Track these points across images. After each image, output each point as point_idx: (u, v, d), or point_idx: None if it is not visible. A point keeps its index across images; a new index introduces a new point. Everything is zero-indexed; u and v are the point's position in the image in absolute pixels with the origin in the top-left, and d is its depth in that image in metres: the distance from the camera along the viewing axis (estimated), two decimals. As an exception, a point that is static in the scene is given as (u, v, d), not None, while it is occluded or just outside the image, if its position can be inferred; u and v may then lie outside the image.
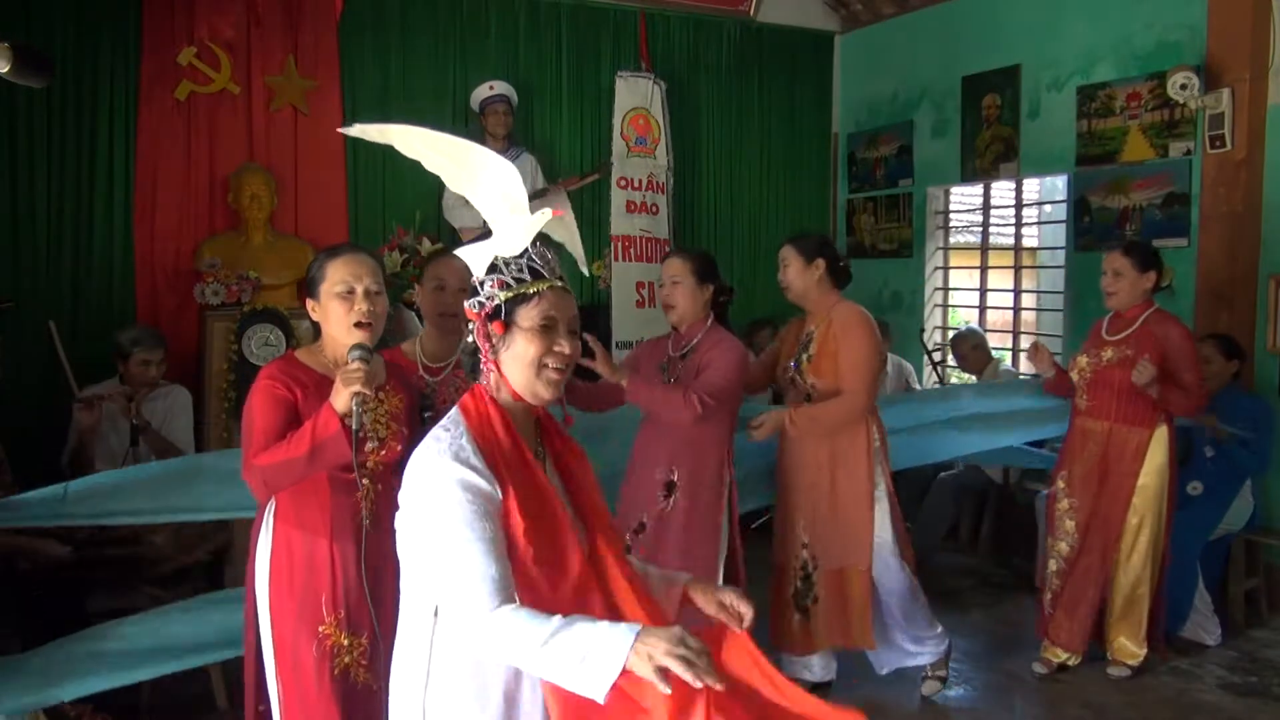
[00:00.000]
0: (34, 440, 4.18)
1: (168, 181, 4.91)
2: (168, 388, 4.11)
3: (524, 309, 1.61)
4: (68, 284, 4.72)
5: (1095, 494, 3.68)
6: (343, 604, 2.20)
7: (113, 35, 4.78)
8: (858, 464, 3.37)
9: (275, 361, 2.30)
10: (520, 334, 1.61)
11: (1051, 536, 3.83)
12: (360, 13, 5.32)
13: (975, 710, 3.57)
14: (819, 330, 3.39)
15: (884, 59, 6.57)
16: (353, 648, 2.21)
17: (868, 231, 6.73)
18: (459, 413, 1.62)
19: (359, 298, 2.22)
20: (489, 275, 1.65)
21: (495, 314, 1.62)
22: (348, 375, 2.06)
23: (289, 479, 2.13)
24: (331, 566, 2.19)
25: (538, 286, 1.62)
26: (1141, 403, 3.60)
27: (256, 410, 2.18)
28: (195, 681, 3.40)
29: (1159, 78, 4.75)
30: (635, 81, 5.94)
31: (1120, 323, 3.70)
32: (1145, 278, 3.62)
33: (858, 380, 3.28)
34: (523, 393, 1.63)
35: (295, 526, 2.20)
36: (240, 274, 4.64)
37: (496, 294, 1.63)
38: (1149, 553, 3.67)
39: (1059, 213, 5.59)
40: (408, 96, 5.47)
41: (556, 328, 1.62)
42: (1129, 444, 3.63)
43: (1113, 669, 3.74)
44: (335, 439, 2.06)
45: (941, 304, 6.44)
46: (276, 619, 2.21)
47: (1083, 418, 3.76)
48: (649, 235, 5.95)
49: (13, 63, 2.77)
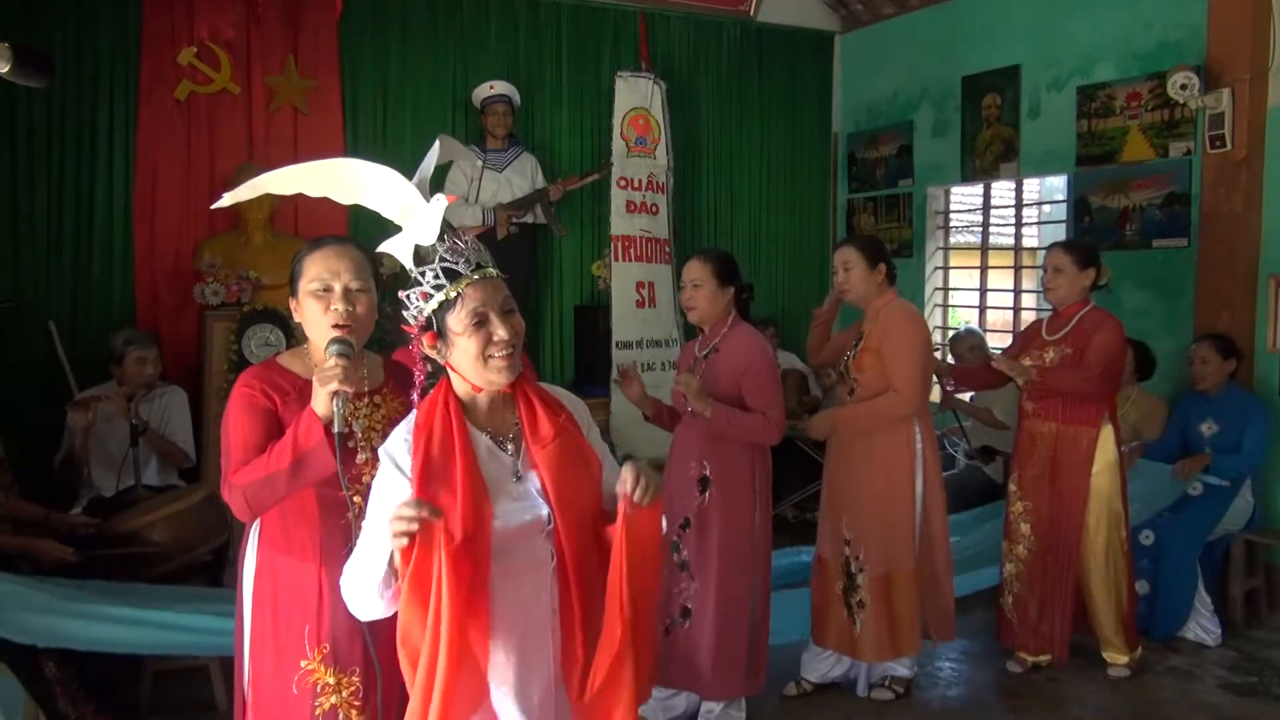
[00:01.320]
0: (34, 440, 4.19)
1: (168, 181, 4.91)
2: (164, 388, 4.12)
3: (451, 314, 1.64)
4: (68, 284, 4.72)
5: (1049, 496, 3.67)
6: (329, 637, 1.96)
7: (113, 35, 4.78)
8: (899, 463, 3.38)
9: (253, 367, 2.08)
10: (456, 337, 1.65)
11: (1008, 540, 3.81)
12: (360, 13, 5.32)
13: (975, 710, 3.56)
14: (871, 327, 3.45)
15: (884, 59, 6.57)
16: (341, 686, 1.97)
17: (868, 231, 6.73)
18: (416, 409, 1.69)
19: (336, 296, 1.98)
20: (412, 289, 1.67)
21: (428, 325, 1.66)
22: (324, 373, 1.85)
23: (273, 497, 1.91)
24: (319, 595, 1.96)
25: (457, 288, 1.64)
26: (1086, 403, 3.60)
27: (233, 422, 1.96)
28: (195, 682, 3.41)
29: (1159, 78, 4.75)
30: (635, 81, 5.94)
31: (1058, 321, 3.72)
32: (1084, 275, 3.64)
33: (903, 378, 3.31)
34: (479, 384, 1.68)
35: (281, 551, 1.99)
36: (240, 274, 4.65)
37: (422, 305, 1.66)
38: (1114, 551, 3.67)
39: (1059, 213, 5.59)
40: (408, 96, 5.47)
41: (488, 318, 1.65)
42: (1078, 444, 3.63)
43: (1112, 670, 3.74)
44: (321, 449, 1.86)
45: (941, 304, 6.44)
46: (255, 653, 2.01)
47: (1030, 420, 3.75)
48: (649, 235, 5.95)
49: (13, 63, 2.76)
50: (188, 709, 3.40)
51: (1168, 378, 4.61)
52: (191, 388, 4.46)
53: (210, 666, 3.39)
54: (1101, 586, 3.69)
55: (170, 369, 4.37)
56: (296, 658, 1.96)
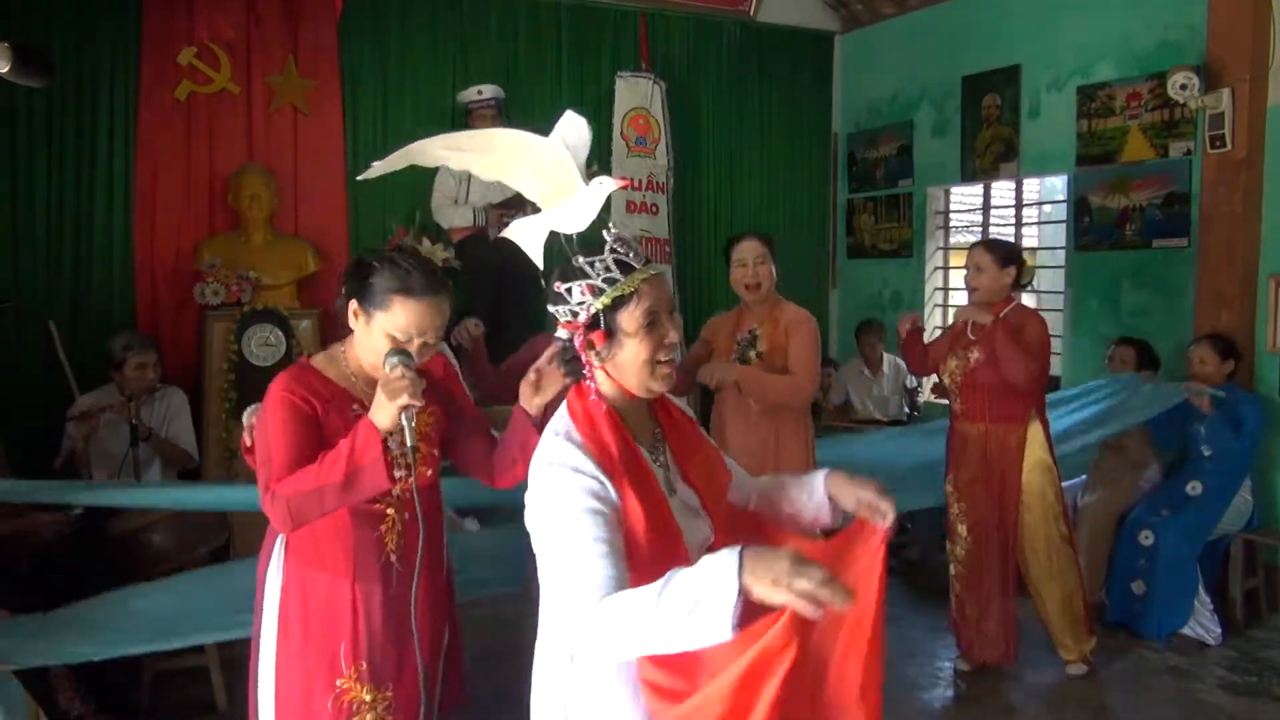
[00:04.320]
0: (34, 440, 4.19)
1: (168, 181, 4.91)
2: (164, 390, 4.12)
3: (624, 312, 1.48)
4: (68, 284, 4.72)
5: (983, 497, 3.68)
6: (365, 654, 1.91)
7: (113, 35, 4.78)
8: None
9: (290, 370, 1.94)
10: (626, 339, 1.49)
11: (951, 542, 3.81)
12: (360, 13, 5.32)
13: (974, 710, 3.57)
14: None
15: (884, 59, 6.57)
16: (376, 703, 1.92)
17: (868, 231, 6.74)
18: (567, 416, 1.52)
19: (414, 348, 1.87)
20: (575, 281, 1.49)
21: (594, 323, 1.49)
22: (392, 385, 1.75)
23: (319, 510, 1.80)
24: (354, 611, 1.90)
25: (633, 283, 1.48)
26: (1013, 401, 3.61)
27: (277, 428, 1.84)
28: (195, 682, 3.41)
29: (1159, 78, 4.75)
30: (635, 81, 5.94)
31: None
32: (1005, 273, 3.63)
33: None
34: (637, 391, 1.53)
35: (312, 566, 1.91)
36: (240, 274, 4.65)
37: (590, 300, 1.48)
38: (1055, 546, 3.67)
39: (1059, 213, 5.59)
40: (408, 96, 5.47)
41: (660, 320, 1.50)
42: (1007, 442, 3.64)
43: (1072, 668, 3.74)
44: (376, 465, 1.76)
45: (941, 304, 6.43)
46: (283, 675, 1.92)
47: (960, 422, 3.76)
48: (649, 235, 5.95)
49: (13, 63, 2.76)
50: (188, 709, 3.40)
51: (1168, 378, 4.61)
52: (191, 388, 4.46)
53: (210, 666, 3.39)
54: (1046, 583, 3.69)
55: (170, 369, 4.36)
56: (331, 677, 1.90)
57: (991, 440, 3.66)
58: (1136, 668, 3.85)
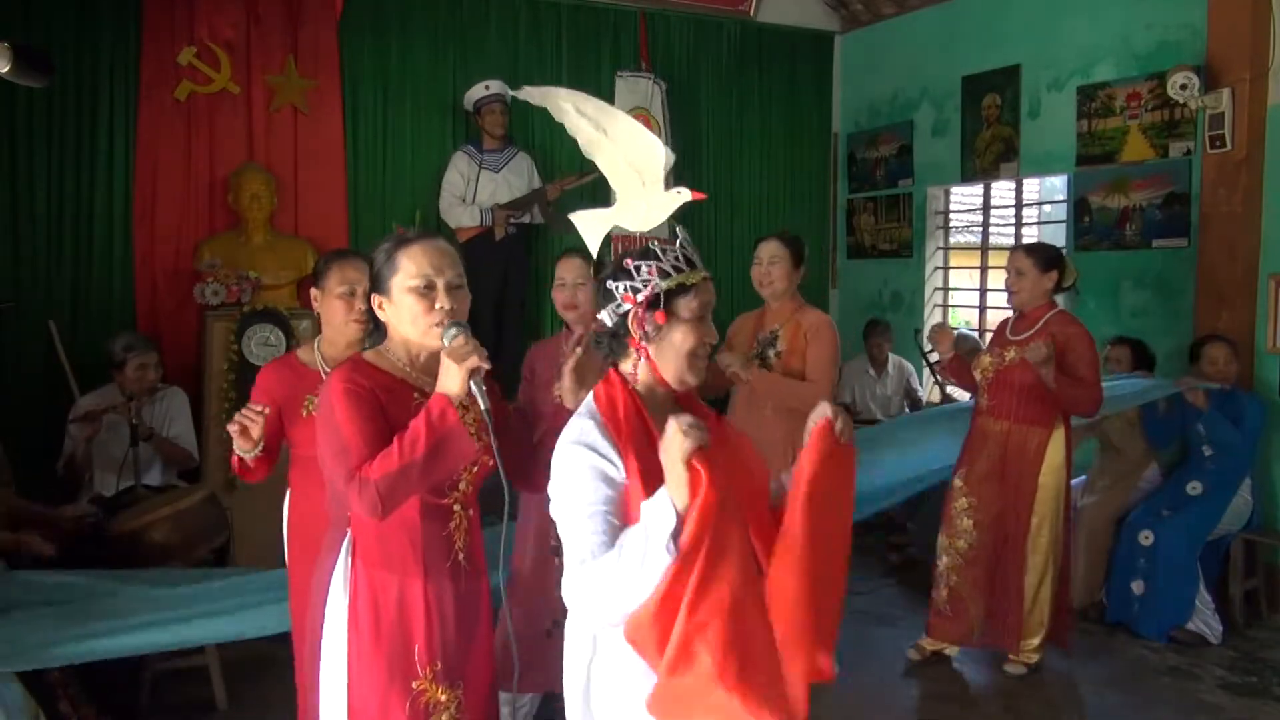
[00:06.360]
0: (34, 440, 4.19)
1: (168, 181, 4.91)
2: (164, 390, 4.13)
3: (684, 300, 1.62)
4: (68, 284, 4.72)
5: (995, 494, 3.68)
6: (439, 654, 1.88)
7: (113, 35, 4.78)
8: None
9: (345, 364, 1.90)
10: (679, 325, 1.62)
11: (947, 535, 3.81)
12: (360, 13, 5.32)
13: (973, 710, 3.57)
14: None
15: (884, 59, 6.57)
16: (450, 703, 1.90)
17: (868, 231, 6.74)
18: (591, 399, 1.65)
19: (440, 294, 1.86)
20: (644, 260, 1.63)
21: (655, 302, 1.61)
22: (457, 351, 1.76)
23: (407, 491, 1.78)
24: (426, 611, 1.87)
25: (697, 277, 1.64)
26: (1041, 404, 3.61)
27: (346, 417, 1.79)
28: (195, 682, 3.41)
29: (1159, 78, 4.75)
30: (635, 81, 5.94)
31: (1023, 323, 3.72)
32: (1047, 277, 3.65)
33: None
34: (672, 381, 1.65)
35: (379, 566, 1.87)
36: (240, 274, 4.65)
37: (656, 281, 1.61)
38: (1049, 553, 3.68)
39: (1059, 213, 5.59)
40: (408, 96, 5.47)
41: (708, 317, 1.66)
42: (1028, 444, 3.64)
43: (1010, 666, 3.74)
44: (459, 431, 1.74)
45: (941, 304, 6.43)
46: (357, 680, 1.86)
47: (983, 417, 3.77)
48: (649, 235, 5.94)
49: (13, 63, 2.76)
50: (188, 709, 3.40)
51: (1168, 378, 4.60)
52: (191, 388, 4.46)
53: (210, 666, 3.39)
54: (1035, 585, 3.68)
55: (170, 369, 4.37)
56: (408, 679, 1.87)
57: (1012, 439, 3.66)
58: (1136, 668, 3.86)
